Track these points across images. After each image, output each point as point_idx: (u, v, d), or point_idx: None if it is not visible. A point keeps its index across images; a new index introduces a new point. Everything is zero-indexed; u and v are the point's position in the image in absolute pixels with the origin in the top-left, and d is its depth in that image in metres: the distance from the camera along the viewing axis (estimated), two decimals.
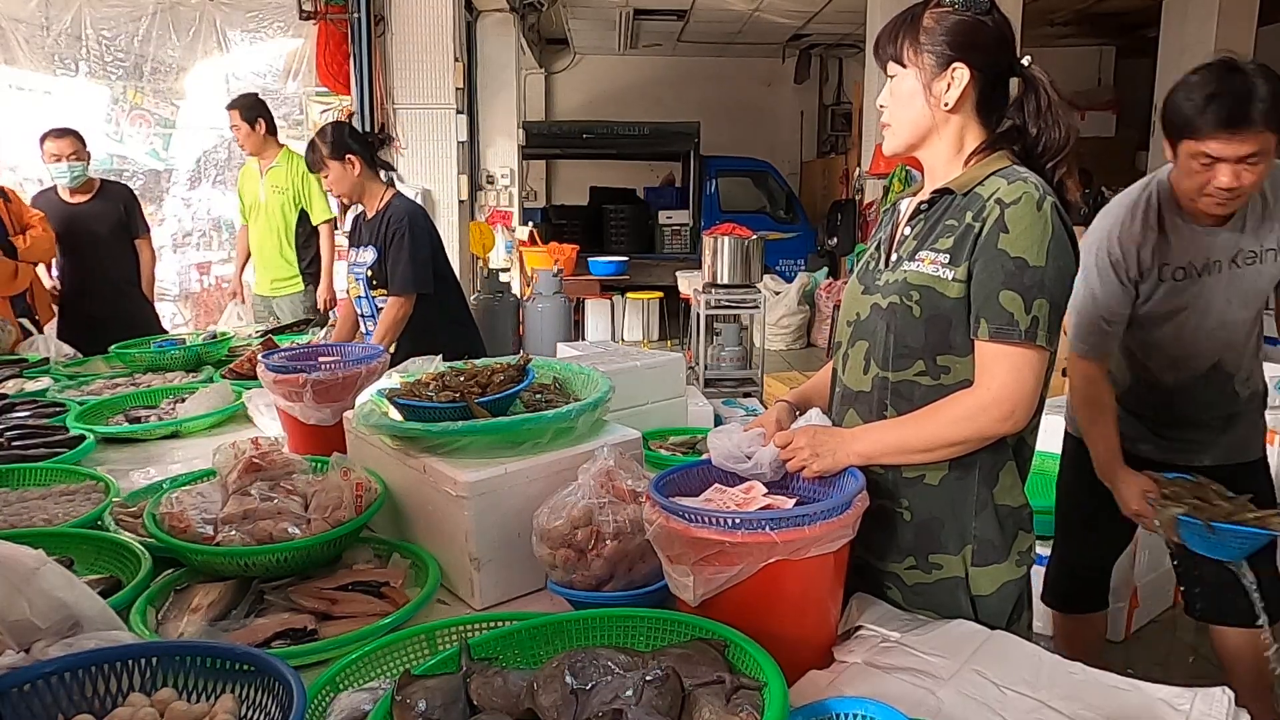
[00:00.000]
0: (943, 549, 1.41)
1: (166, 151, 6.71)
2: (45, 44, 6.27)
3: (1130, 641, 3.25)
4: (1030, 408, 1.32)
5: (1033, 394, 1.32)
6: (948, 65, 1.36)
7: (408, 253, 3.02)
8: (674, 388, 2.57)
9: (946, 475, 1.39)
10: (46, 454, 2.18)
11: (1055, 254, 1.30)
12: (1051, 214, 1.30)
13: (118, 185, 4.55)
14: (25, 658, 1.04)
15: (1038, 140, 1.39)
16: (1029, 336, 1.29)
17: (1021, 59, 1.40)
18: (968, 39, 1.35)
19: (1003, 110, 1.42)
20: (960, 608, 1.40)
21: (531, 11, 8.92)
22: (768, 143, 13.18)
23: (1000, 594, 1.41)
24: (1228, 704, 1.11)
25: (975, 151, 1.40)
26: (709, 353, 6.20)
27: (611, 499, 1.39)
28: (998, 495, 1.40)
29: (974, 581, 1.40)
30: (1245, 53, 7.25)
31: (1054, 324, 1.31)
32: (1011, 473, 1.42)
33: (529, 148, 9.02)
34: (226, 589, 1.44)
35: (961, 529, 1.40)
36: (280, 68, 6.53)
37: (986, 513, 1.40)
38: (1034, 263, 1.29)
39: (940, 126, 1.41)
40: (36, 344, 3.56)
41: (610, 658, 1.05)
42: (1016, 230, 1.29)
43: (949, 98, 1.37)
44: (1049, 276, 1.29)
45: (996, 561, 1.40)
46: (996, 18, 1.38)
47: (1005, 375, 1.30)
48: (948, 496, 1.40)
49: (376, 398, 1.73)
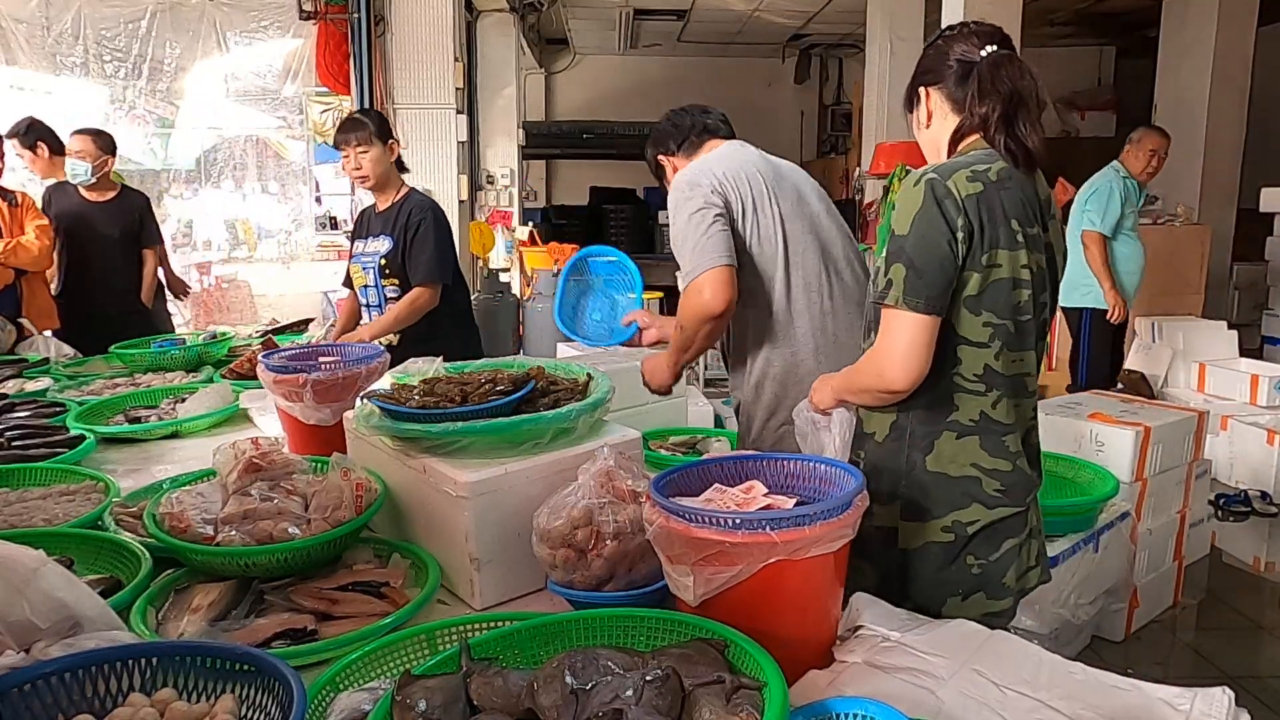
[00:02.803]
0: (876, 499, 1.49)
1: (166, 151, 6.72)
2: (45, 44, 6.27)
3: (1130, 641, 3.25)
4: (904, 367, 1.43)
5: (904, 354, 1.43)
6: (916, 94, 1.63)
7: (432, 242, 3.04)
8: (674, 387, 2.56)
9: (887, 435, 1.58)
10: (46, 454, 2.18)
11: (920, 223, 1.43)
12: (925, 188, 1.44)
13: (138, 193, 4.55)
14: (25, 658, 1.04)
15: (972, 113, 1.53)
16: (881, 297, 1.45)
17: (980, 50, 1.52)
18: (918, 69, 1.62)
19: (968, 104, 1.56)
20: (890, 558, 1.56)
21: (531, 11, 8.91)
22: (768, 143, 12.88)
23: (924, 552, 1.54)
24: (1228, 704, 1.11)
25: (953, 144, 1.58)
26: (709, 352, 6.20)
27: (611, 499, 1.39)
28: (930, 462, 1.53)
29: (902, 535, 1.56)
30: (1245, 53, 7.28)
31: (913, 286, 1.42)
32: (955, 444, 1.52)
33: (529, 148, 9.00)
34: (226, 589, 1.44)
35: (892, 483, 1.56)
36: (280, 68, 6.54)
37: (915, 474, 1.54)
38: (899, 232, 1.46)
39: (935, 141, 1.62)
40: (36, 344, 3.56)
41: (610, 658, 1.05)
42: (898, 207, 1.48)
43: (920, 117, 1.63)
44: (909, 243, 1.43)
45: (920, 521, 1.54)
46: (944, 36, 1.58)
47: (881, 336, 1.48)
48: (885, 452, 1.58)
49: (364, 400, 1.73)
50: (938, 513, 1.53)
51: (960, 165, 1.48)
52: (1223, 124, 7.11)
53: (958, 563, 1.53)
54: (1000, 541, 1.54)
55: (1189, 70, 7.20)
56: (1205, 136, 7.10)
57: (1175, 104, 7.25)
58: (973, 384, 1.50)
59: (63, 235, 4.19)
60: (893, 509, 1.56)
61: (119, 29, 6.33)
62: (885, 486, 1.56)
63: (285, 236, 7.10)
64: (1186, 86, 7.21)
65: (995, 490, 1.52)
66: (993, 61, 1.51)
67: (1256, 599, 3.72)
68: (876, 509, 1.52)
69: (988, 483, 1.51)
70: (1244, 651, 3.27)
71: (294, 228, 7.05)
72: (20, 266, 3.88)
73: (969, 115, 1.53)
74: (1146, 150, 4.81)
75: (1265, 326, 6.91)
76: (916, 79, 1.62)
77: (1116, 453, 3.16)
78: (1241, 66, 7.15)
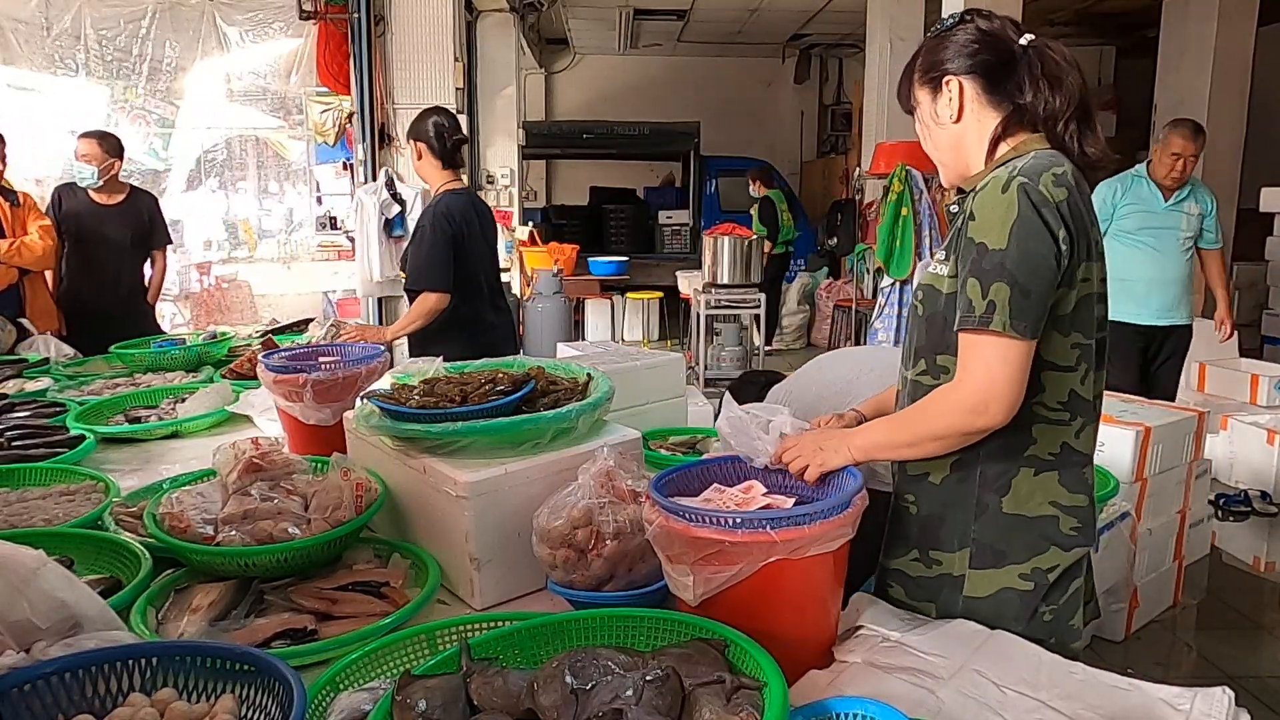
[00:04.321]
0: (942, 546, 1.42)
1: (166, 151, 6.72)
2: (45, 44, 6.27)
3: (1130, 641, 3.25)
4: (1008, 399, 1.26)
5: (1008, 384, 1.25)
6: (940, 84, 1.42)
7: (423, 250, 3.11)
8: (674, 388, 2.57)
9: (948, 476, 1.40)
10: (46, 454, 2.18)
11: (1020, 235, 1.25)
12: (1019, 195, 1.26)
13: (146, 194, 4.55)
14: (25, 658, 1.04)
15: (1039, 108, 1.37)
16: (983, 323, 1.25)
17: (1020, 39, 1.39)
18: (945, 55, 1.41)
19: (1010, 95, 1.40)
20: (954, 606, 1.40)
21: (531, 11, 8.92)
22: (768, 143, 13.17)
23: (997, 599, 1.37)
24: (1228, 704, 1.11)
25: (995, 142, 1.41)
26: (709, 353, 6.21)
27: (611, 499, 1.39)
28: (1008, 503, 1.36)
29: (970, 583, 1.39)
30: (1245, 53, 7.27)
31: (1019, 308, 1.24)
32: (1033, 481, 1.36)
33: (529, 148, 9.01)
34: (226, 589, 1.43)
35: (961, 530, 1.40)
36: (280, 68, 6.54)
37: (988, 517, 1.38)
38: (994, 246, 1.26)
39: (960, 139, 1.43)
40: (36, 344, 3.56)
41: (610, 658, 1.05)
42: (981, 215, 1.29)
43: (951, 110, 1.42)
44: (1010, 259, 1.25)
45: (994, 567, 1.38)
46: (970, 24, 1.41)
47: (973, 365, 1.28)
48: (948, 496, 1.40)
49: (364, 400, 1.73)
50: (1016, 558, 1.37)
51: (1040, 167, 1.29)
52: (1223, 124, 7.10)
53: (1036, 617, 1.38)
54: (1069, 584, 1.40)
55: (1189, 70, 7.20)
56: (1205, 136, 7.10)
57: (1175, 104, 7.25)
58: (1056, 412, 1.35)
59: (72, 238, 4.19)
60: (960, 557, 1.39)
61: (119, 29, 6.33)
62: (950, 533, 1.40)
63: (285, 236, 7.11)
64: (1186, 86, 7.22)
65: (1072, 530, 1.37)
66: (1039, 50, 1.37)
67: (1256, 599, 3.72)
68: (940, 556, 1.41)
69: (1065, 521, 1.37)
70: (1244, 651, 3.27)
71: (294, 228, 7.05)
72: (24, 266, 3.89)
73: (1023, 110, 1.37)
74: (1168, 155, 4.18)
75: (1265, 326, 6.91)
76: (937, 68, 1.42)
77: (1116, 453, 3.16)
78: (1241, 66, 7.16)
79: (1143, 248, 4.30)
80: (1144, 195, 4.33)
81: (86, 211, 4.22)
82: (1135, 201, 4.33)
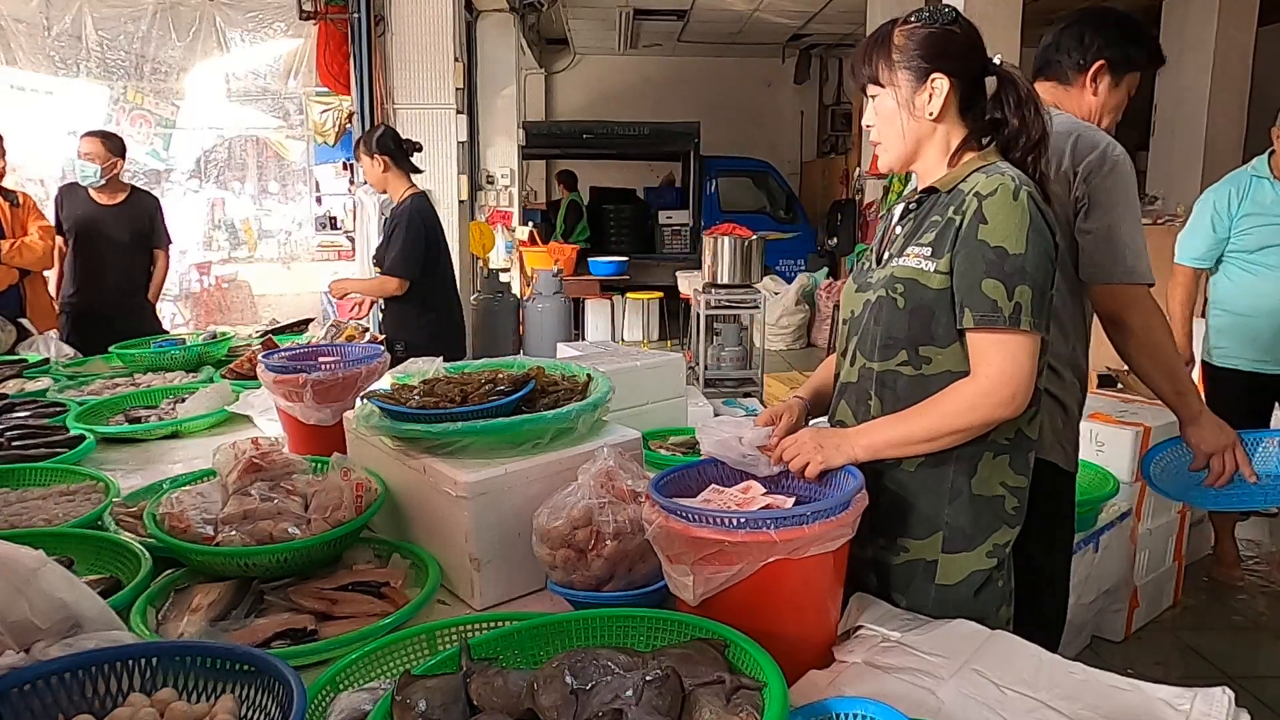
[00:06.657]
0: (910, 533, 1.45)
1: (167, 151, 6.73)
2: (45, 44, 6.28)
3: (1130, 641, 3.25)
4: (1029, 390, 1.35)
5: (1029, 377, 1.34)
6: (926, 78, 1.42)
7: (400, 242, 3.62)
8: (674, 388, 2.57)
9: (923, 463, 1.43)
10: (46, 454, 2.18)
11: (1034, 241, 1.33)
12: (1028, 203, 1.34)
13: (148, 195, 4.55)
14: (25, 658, 1.04)
15: (1019, 132, 1.43)
16: (1013, 323, 1.32)
17: (993, 58, 1.45)
18: (940, 49, 1.41)
19: (983, 108, 1.46)
20: (924, 593, 1.45)
21: (531, 11, 8.91)
22: (768, 143, 13.18)
23: (967, 583, 1.44)
24: (1228, 704, 1.11)
25: (959, 149, 1.45)
26: (709, 353, 6.20)
27: (611, 499, 1.39)
28: (975, 485, 1.43)
29: (942, 569, 1.44)
30: (1245, 53, 7.25)
31: (1038, 308, 1.34)
32: (991, 464, 1.43)
33: (529, 148, 9.01)
34: (226, 589, 1.43)
35: (933, 515, 1.44)
36: (280, 68, 6.55)
37: (960, 501, 1.43)
38: (1014, 250, 1.33)
39: (928, 136, 1.46)
40: (36, 344, 3.56)
41: (610, 658, 1.05)
42: (995, 221, 1.34)
43: (932, 108, 1.42)
44: (1029, 263, 1.33)
45: (965, 550, 1.44)
46: (964, 25, 1.43)
47: (1002, 361, 1.34)
48: (920, 483, 1.44)
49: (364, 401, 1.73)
50: (980, 539, 1.44)
51: (1022, 176, 1.39)
52: (1223, 124, 7.11)
53: (990, 583, 1.46)
54: (1009, 557, 1.51)
55: (1189, 70, 7.19)
56: (1205, 136, 7.10)
57: (1175, 104, 7.25)
58: None
59: (74, 239, 4.20)
60: (932, 542, 1.44)
61: (119, 29, 6.33)
62: (921, 518, 1.44)
63: (285, 236, 7.12)
64: (1186, 86, 7.21)
65: (1013, 509, 1.46)
66: (1008, 74, 1.44)
67: (1256, 599, 3.72)
68: (910, 543, 1.45)
69: (1009, 500, 1.45)
70: (1244, 651, 3.27)
71: (294, 228, 7.06)
72: (25, 266, 3.89)
73: (996, 125, 1.44)
74: None
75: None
76: (930, 60, 1.40)
77: (1116, 453, 3.16)
78: (1241, 66, 7.15)
79: (1267, 273, 3.27)
80: (1266, 201, 3.26)
81: (88, 212, 4.23)
82: (1256, 211, 3.28)
